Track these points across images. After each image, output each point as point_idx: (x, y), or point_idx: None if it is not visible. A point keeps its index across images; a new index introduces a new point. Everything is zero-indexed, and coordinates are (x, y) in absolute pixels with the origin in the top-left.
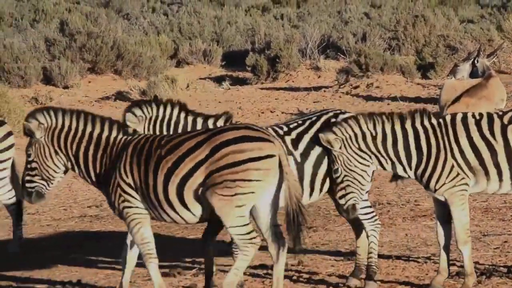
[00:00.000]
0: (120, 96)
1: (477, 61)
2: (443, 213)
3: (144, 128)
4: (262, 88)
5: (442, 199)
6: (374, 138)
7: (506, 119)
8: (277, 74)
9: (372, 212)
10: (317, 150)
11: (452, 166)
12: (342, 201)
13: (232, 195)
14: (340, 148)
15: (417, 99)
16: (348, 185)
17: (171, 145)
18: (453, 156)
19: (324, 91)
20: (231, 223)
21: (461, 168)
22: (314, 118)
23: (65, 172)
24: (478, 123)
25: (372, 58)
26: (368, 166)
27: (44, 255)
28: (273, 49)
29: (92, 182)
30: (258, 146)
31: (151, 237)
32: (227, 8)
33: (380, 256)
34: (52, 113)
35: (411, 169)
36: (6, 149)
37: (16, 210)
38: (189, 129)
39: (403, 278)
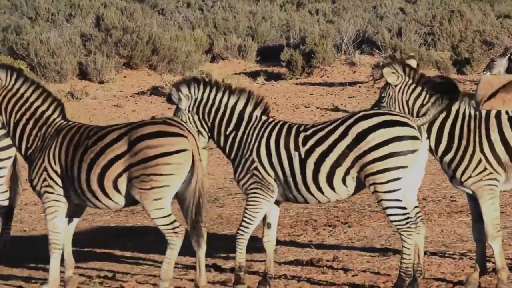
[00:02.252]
0: (155, 91)
1: None
2: (477, 209)
3: (188, 106)
4: (296, 83)
5: (469, 192)
6: (423, 102)
7: None
8: (312, 69)
9: (404, 213)
10: (322, 147)
11: (480, 160)
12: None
13: (149, 189)
14: (396, 86)
15: None
16: None
17: (97, 136)
18: (481, 151)
19: (359, 86)
20: (153, 215)
21: (489, 163)
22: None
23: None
24: (510, 119)
25: (407, 53)
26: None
27: (80, 250)
28: (308, 44)
29: (20, 153)
30: (169, 142)
31: (62, 227)
32: (262, 3)
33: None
34: (14, 76)
35: (437, 154)
36: (6, 148)
37: (6, 213)
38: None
39: (439, 275)
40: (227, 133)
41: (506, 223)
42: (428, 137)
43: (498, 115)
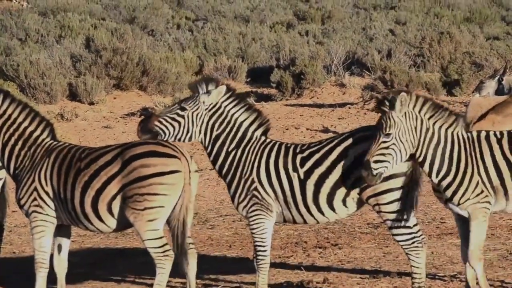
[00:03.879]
0: (145, 112)
1: (503, 78)
2: (466, 231)
3: (209, 106)
4: (286, 105)
5: (465, 214)
6: (427, 130)
7: None
8: (302, 90)
9: (411, 233)
10: (321, 169)
11: (478, 183)
12: (375, 165)
13: (142, 209)
14: (403, 116)
15: None
16: (390, 154)
17: (89, 158)
18: (479, 173)
19: (349, 107)
20: (145, 236)
21: (485, 186)
22: (338, 138)
23: None
24: (499, 142)
25: (397, 75)
26: (412, 146)
27: (69, 271)
28: (298, 66)
29: (9, 173)
30: (163, 162)
31: (49, 247)
32: (252, 25)
33: (405, 274)
34: (1, 97)
35: (437, 176)
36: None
37: None
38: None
39: None
40: (229, 150)
41: (496, 245)
42: (423, 160)
43: (487, 137)
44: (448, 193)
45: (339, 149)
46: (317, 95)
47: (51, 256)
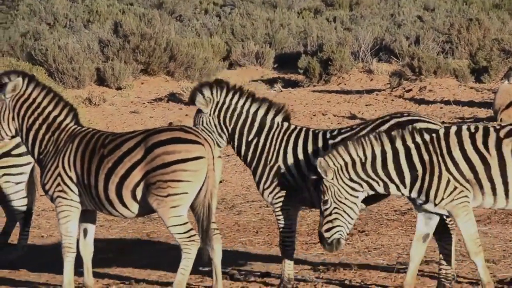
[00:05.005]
0: (172, 97)
1: None
2: (426, 228)
3: (210, 110)
4: (314, 91)
5: (445, 213)
6: (363, 164)
7: (502, 133)
8: (329, 76)
9: (442, 220)
10: None
11: (448, 180)
12: (327, 234)
13: (166, 196)
14: (332, 179)
15: (470, 103)
16: (336, 218)
17: (113, 145)
18: (447, 170)
19: (377, 94)
20: (169, 223)
21: (457, 181)
22: (370, 125)
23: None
24: (472, 136)
25: (425, 62)
26: (358, 197)
27: (96, 257)
28: (325, 52)
29: (33, 158)
30: (186, 148)
31: (75, 231)
32: (280, 10)
33: (432, 261)
34: (26, 82)
35: (405, 187)
36: (26, 154)
37: (24, 219)
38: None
39: (455, 285)
40: (249, 139)
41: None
42: (391, 179)
43: (458, 131)
44: (422, 197)
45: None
46: (345, 82)
47: (78, 240)
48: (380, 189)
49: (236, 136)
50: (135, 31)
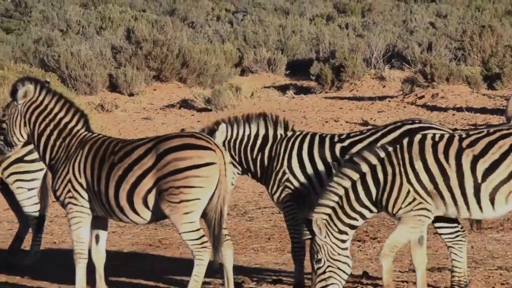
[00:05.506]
0: (184, 104)
1: None
2: (417, 237)
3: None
4: (326, 97)
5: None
6: (342, 207)
7: (465, 143)
8: (341, 83)
9: (454, 227)
10: None
11: (408, 191)
12: None
13: (178, 202)
14: (325, 237)
15: (483, 110)
16: (330, 277)
17: (123, 152)
18: (408, 181)
19: (389, 100)
20: (182, 229)
21: (417, 193)
22: (381, 131)
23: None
24: (434, 146)
25: (437, 68)
26: (347, 248)
27: (108, 262)
28: (337, 58)
29: (45, 164)
30: (198, 154)
31: (87, 237)
32: (292, 17)
33: (444, 268)
34: (38, 88)
35: (374, 205)
36: (38, 160)
37: (37, 224)
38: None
39: None
40: (253, 157)
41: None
42: (364, 206)
43: (421, 141)
44: (382, 203)
45: (384, 141)
46: (357, 88)
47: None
48: (361, 221)
49: (243, 160)
50: (147, 37)
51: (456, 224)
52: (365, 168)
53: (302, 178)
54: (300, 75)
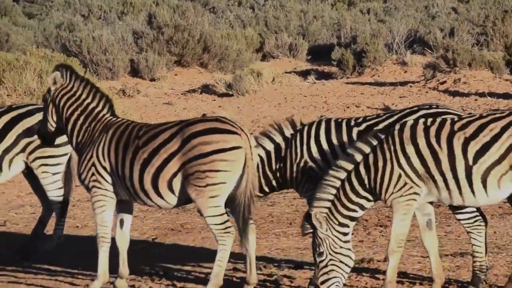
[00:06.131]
0: (206, 89)
1: None
2: (424, 218)
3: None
4: (347, 83)
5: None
6: (340, 200)
7: (457, 126)
8: (363, 68)
9: (472, 212)
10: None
11: (400, 176)
12: (323, 287)
13: (204, 186)
14: (326, 230)
15: (505, 95)
16: (332, 270)
17: (148, 136)
18: (399, 166)
19: (410, 86)
20: (207, 213)
21: (408, 177)
22: (397, 114)
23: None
24: (426, 130)
25: (459, 54)
26: (349, 241)
27: (130, 247)
28: (359, 44)
29: (72, 147)
30: (224, 138)
31: (111, 221)
32: (313, 2)
33: (467, 253)
34: (66, 74)
35: (369, 193)
36: (63, 144)
37: (61, 209)
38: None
39: (491, 277)
40: (279, 173)
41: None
42: (359, 195)
43: (413, 126)
44: (377, 193)
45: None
46: (378, 73)
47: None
48: (361, 212)
49: (266, 164)
50: (169, 22)
51: (474, 210)
52: (358, 158)
53: (323, 165)
54: (322, 61)
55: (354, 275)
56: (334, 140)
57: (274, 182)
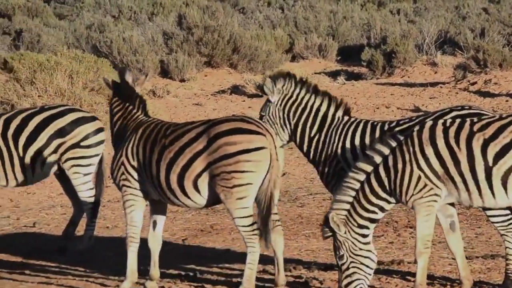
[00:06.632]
0: (235, 89)
1: None
2: (447, 220)
3: (278, 101)
4: (377, 83)
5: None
6: (359, 201)
7: (476, 127)
8: (392, 69)
9: (506, 214)
10: None
11: (419, 177)
12: None
13: (231, 187)
14: (345, 233)
15: None
16: (355, 272)
17: (174, 135)
18: (419, 167)
19: (441, 87)
20: (235, 214)
21: (428, 178)
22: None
23: None
24: (445, 131)
25: (490, 54)
26: (370, 242)
27: (161, 248)
28: (389, 44)
29: (113, 147)
30: (248, 139)
31: (140, 221)
32: (343, 3)
33: (498, 255)
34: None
35: (389, 195)
36: (94, 145)
37: (92, 209)
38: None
39: None
40: (311, 135)
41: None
42: (380, 198)
43: (432, 127)
44: (397, 196)
45: None
46: (408, 74)
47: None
48: (381, 214)
49: (299, 132)
50: (198, 23)
51: (508, 212)
52: (378, 159)
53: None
54: (351, 61)
55: (384, 277)
56: (368, 144)
57: (297, 138)
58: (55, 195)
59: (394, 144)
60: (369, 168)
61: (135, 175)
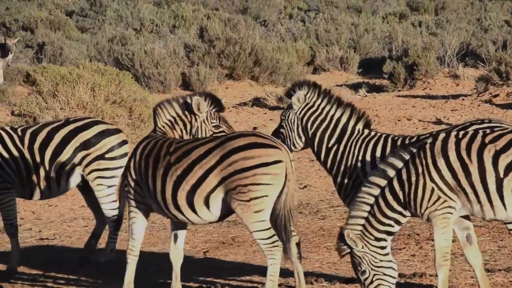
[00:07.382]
0: (257, 102)
1: None
2: (463, 233)
3: (298, 109)
4: (399, 96)
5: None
6: (374, 216)
7: (488, 139)
8: (414, 81)
9: None
10: None
11: (433, 189)
12: None
13: (248, 200)
14: (362, 247)
15: None
16: (380, 284)
17: (180, 152)
18: (431, 180)
19: (463, 99)
20: (253, 228)
21: (441, 191)
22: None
23: None
24: (457, 143)
25: None
26: (389, 253)
27: (183, 261)
28: (410, 57)
29: None
30: (266, 153)
31: (140, 234)
32: (364, 15)
33: None
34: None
35: (404, 208)
36: (119, 157)
37: (115, 222)
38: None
39: None
40: (329, 146)
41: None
42: (394, 210)
43: (445, 139)
44: (412, 209)
45: None
46: (430, 86)
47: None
48: (397, 227)
49: (316, 141)
50: (220, 36)
51: None
52: (391, 173)
53: None
54: (373, 74)
55: None
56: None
57: (315, 146)
58: (77, 207)
59: (407, 156)
60: (382, 182)
61: (137, 188)
